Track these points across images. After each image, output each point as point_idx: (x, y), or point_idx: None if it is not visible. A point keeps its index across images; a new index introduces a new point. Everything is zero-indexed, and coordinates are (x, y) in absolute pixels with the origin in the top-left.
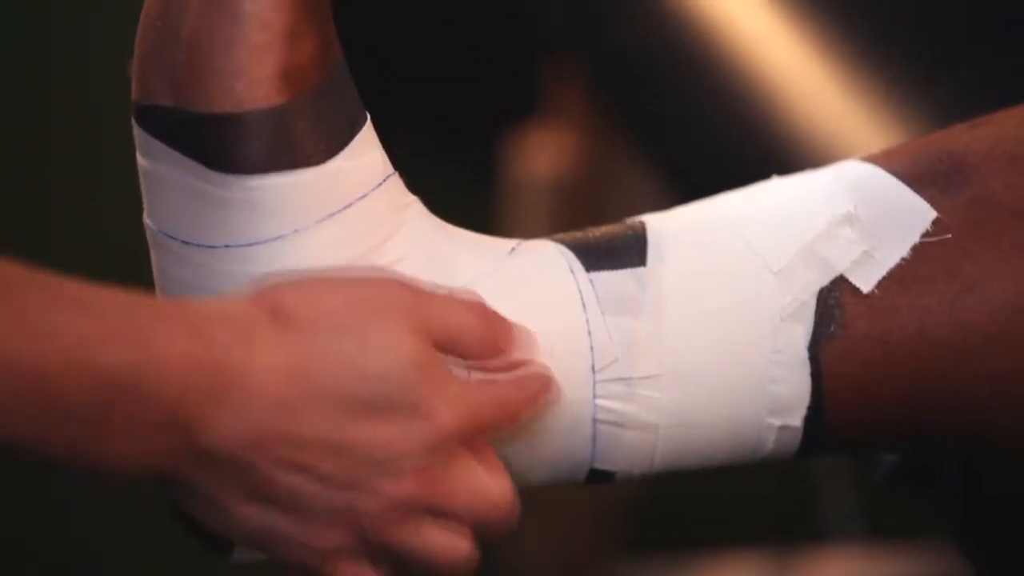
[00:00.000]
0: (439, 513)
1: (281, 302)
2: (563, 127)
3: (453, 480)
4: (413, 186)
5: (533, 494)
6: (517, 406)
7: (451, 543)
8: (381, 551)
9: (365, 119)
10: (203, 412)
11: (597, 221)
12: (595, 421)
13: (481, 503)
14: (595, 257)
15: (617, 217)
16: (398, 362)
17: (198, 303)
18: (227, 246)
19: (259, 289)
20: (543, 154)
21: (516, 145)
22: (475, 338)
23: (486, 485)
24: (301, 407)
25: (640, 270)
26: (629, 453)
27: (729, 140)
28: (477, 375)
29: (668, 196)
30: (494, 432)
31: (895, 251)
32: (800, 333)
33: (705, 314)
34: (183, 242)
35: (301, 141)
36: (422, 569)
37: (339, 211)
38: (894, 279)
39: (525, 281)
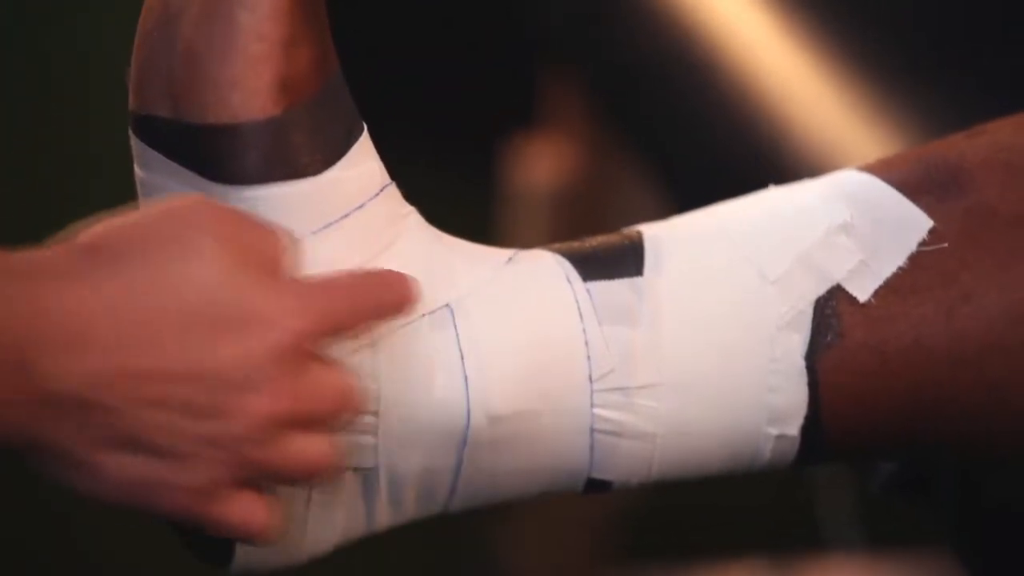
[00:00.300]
0: (303, 421)
1: (91, 239)
2: (561, 136)
3: (309, 385)
4: (411, 194)
5: (531, 501)
6: (365, 302)
7: (319, 447)
8: (257, 475)
9: (362, 129)
10: (40, 357)
11: (595, 229)
12: (592, 431)
13: (337, 401)
14: (592, 267)
15: (615, 225)
16: (221, 272)
17: (16, 253)
18: None
19: (72, 233)
20: (541, 163)
21: (514, 154)
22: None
23: (335, 381)
24: (137, 338)
25: (637, 280)
26: (627, 462)
27: (727, 149)
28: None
29: (666, 204)
30: (344, 331)
31: (892, 260)
32: (797, 342)
33: (702, 323)
34: None
35: (297, 152)
36: (298, 480)
37: (336, 221)
38: (891, 288)
39: (522, 290)
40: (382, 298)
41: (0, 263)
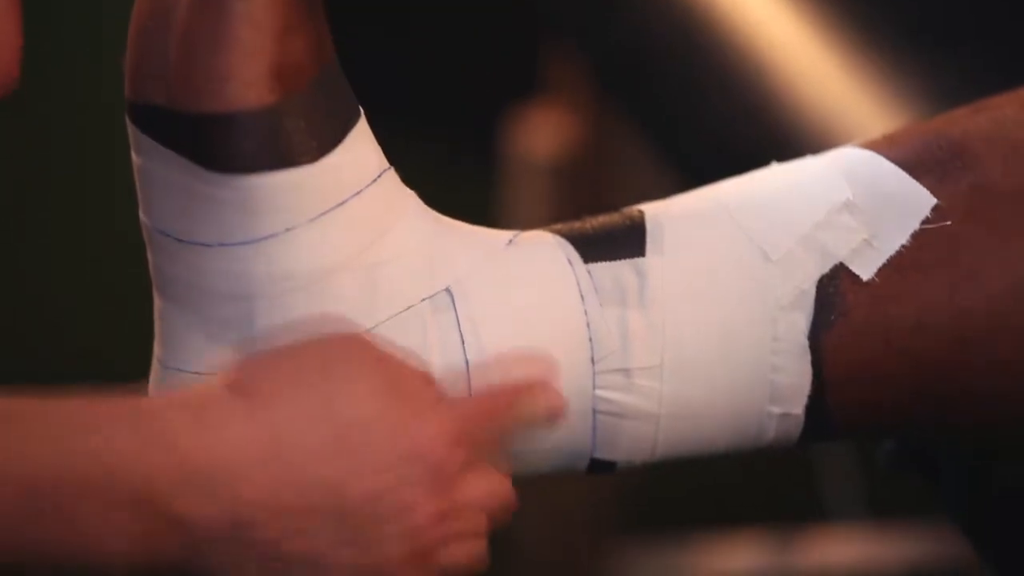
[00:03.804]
0: (455, 536)
1: (237, 380)
2: (563, 107)
3: (462, 499)
4: (412, 168)
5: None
6: (508, 404)
7: (473, 550)
8: None
9: (359, 115)
10: (179, 499)
11: (597, 202)
12: (595, 412)
13: (489, 506)
14: (593, 248)
15: (617, 197)
16: (372, 408)
17: (148, 397)
18: (221, 244)
19: (223, 369)
20: (543, 134)
21: (516, 126)
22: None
23: (490, 488)
24: (288, 480)
25: (639, 260)
26: (630, 443)
27: (728, 120)
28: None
29: (667, 175)
30: (497, 431)
31: (895, 238)
32: (800, 321)
33: (704, 304)
34: (177, 240)
35: (293, 139)
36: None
37: (333, 208)
38: (894, 266)
39: (523, 273)
40: (528, 406)
41: (133, 408)
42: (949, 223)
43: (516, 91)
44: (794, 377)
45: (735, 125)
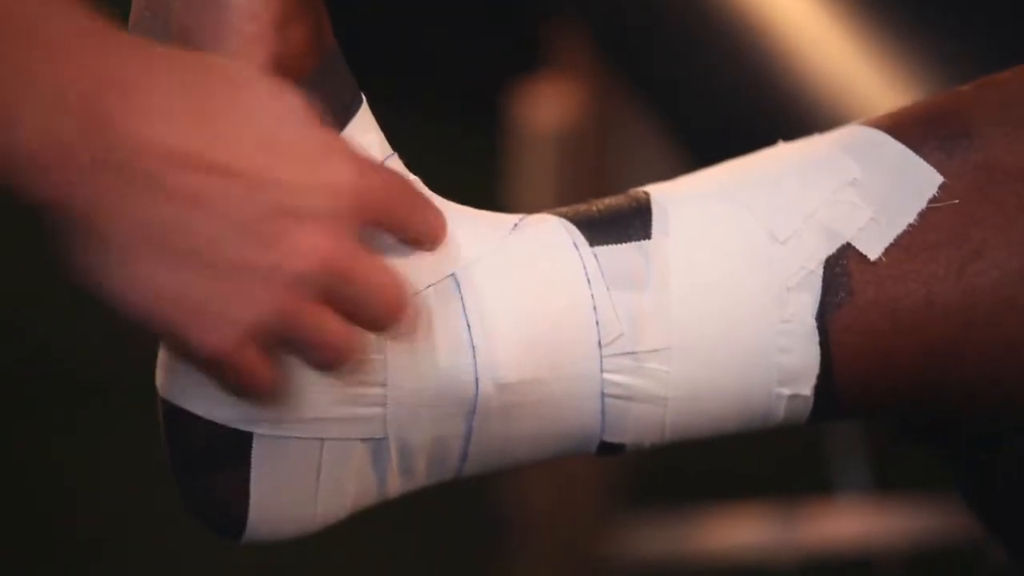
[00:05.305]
0: (351, 296)
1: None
2: (567, 80)
3: (366, 259)
4: (417, 142)
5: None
6: (414, 209)
7: (353, 334)
8: (287, 334)
9: (361, 101)
10: (115, 95)
11: (603, 175)
12: (603, 395)
13: (389, 295)
14: (599, 231)
15: (623, 170)
16: (303, 111)
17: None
18: None
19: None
20: (547, 107)
21: (520, 99)
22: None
23: (392, 276)
24: (205, 127)
25: (644, 243)
26: (638, 426)
27: (736, 92)
28: None
29: (672, 149)
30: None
31: (902, 217)
32: (808, 302)
33: (711, 286)
34: None
35: None
36: (319, 354)
37: None
38: (901, 246)
39: (529, 258)
40: (426, 222)
41: (70, 24)
42: (956, 202)
43: (520, 64)
44: (802, 358)
45: (740, 97)
